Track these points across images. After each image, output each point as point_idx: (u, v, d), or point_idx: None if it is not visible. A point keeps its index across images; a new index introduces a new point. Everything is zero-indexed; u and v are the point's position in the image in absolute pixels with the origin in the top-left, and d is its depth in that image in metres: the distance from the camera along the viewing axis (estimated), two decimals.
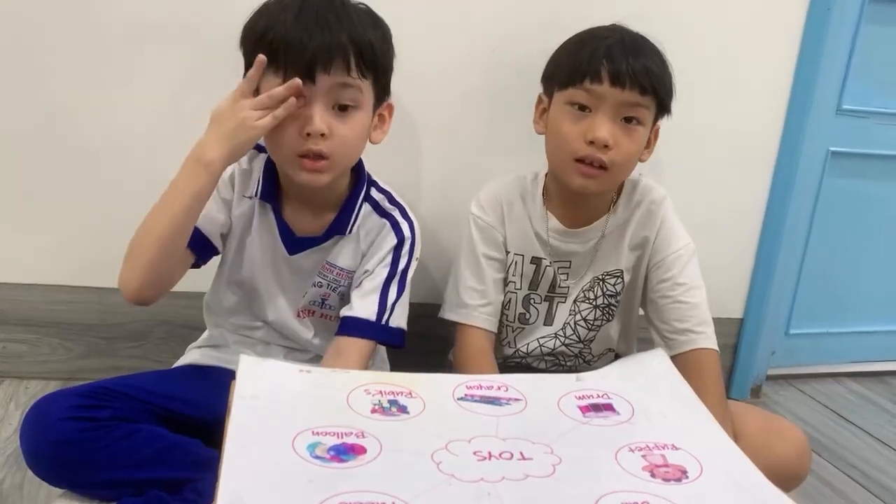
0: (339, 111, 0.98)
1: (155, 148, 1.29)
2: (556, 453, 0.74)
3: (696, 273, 1.16)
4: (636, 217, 1.17)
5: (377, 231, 1.10)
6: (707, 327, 1.14)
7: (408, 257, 1.10)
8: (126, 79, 1.27)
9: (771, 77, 1.53)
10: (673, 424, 0.81)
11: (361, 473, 0.69)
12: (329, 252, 1.10)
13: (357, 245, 1.10)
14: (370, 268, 1.09)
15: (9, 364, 1.35)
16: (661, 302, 1.16)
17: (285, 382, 0.79)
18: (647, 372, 0.92)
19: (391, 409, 0.79)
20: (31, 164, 1.29)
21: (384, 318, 1.07)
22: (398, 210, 1.11)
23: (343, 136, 0.98)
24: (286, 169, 1.02)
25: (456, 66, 1.35)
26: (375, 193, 1.12)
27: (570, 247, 1.18)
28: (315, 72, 0.94)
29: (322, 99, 0.96)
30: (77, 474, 0.94)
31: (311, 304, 1.13)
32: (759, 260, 1.63)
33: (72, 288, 1.34)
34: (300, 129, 0.96)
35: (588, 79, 1.05)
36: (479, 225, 1.17)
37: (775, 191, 1.59)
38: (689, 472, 0.73)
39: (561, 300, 1.20)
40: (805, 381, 1.76)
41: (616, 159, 1.06)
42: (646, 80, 1.04)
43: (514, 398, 0.84)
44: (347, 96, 0.97)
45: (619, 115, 1.06)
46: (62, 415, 0.93)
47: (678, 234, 1.18)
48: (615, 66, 1.04)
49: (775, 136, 1.56)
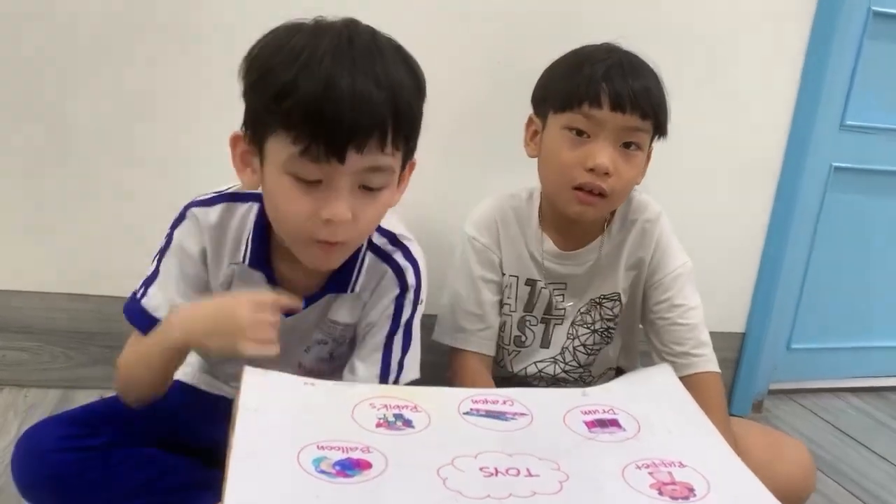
0: (365, 191, 0.83)
1: (158, 159, 1.29)
2: (562, 470, 0.74)
3: (692, 293, 1.15)
4: (631, 237, 1.15)
5: (378, 279, 0.97)
6: (705, 349, 1.12)
7: (412, 307, 0.98)
8: (134, 85, 1.27)
9: (775, 92, 1.54)
10: (679, 441, 0.81)
11: (368, 489, 0.68)
12: (328, 308, 0.98)
13: (358, 297, 0.98)
14: (373, 320, 0.98)
15: (9, 372, 1.34)
16: (658, 323, 1.15)
17: (290, 395, 0.79)
18: (652, 387, 0.92)
19: (396, 423, 0.79)
20: (34, 172, 1.28)
21: (391, 380, 0.96)
22: (401, 252, 0.98)
23: (367, 220, 0.85)
24: (291, 247, 0.88)
25: (460, 77, 1.35)
26: (377, 238, 0.97)
27: (565, 269, 1.15)
28: (346, 153, 0.77)
29: (348, 180, 0.80)
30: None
31: (319, 361, 1.03)
32: (761, 274, 1.63)
33: (73, 296, 1.34)
34: (316, 212, 0.80)
35: (587, 103, 1.01)
36: (476, 247, 1.14)
37: (778, 206, 1.60)
38: (697, 491, 0.72)
39: (558, 322, 1.18)
40: (806, 396, 1.76)
41: (616, 186, 1.04)
42: (647, 104, 1.02)
43: (519, 413, 0.84)
44: (377, 180, 0.82)
45: (619, 140, 1.03)
46: (53, 446, 0.88)
47: (674, 253, 1.15)
48: (615, 89, 1.00)
49: (779, 150, 1.57)
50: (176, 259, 0.93)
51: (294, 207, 0.81)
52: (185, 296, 0.93)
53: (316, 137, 0.76)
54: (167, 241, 0.94)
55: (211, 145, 1.05)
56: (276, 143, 0.79)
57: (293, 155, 0.78)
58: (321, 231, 0.82)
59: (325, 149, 0.76)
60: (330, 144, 0.76)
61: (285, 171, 0.80)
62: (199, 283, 0.95)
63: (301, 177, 0.80)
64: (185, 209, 0.94)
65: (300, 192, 0.80)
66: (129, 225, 1.30)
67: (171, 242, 0.94)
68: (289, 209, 0.82)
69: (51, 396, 1.33)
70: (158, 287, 0.93)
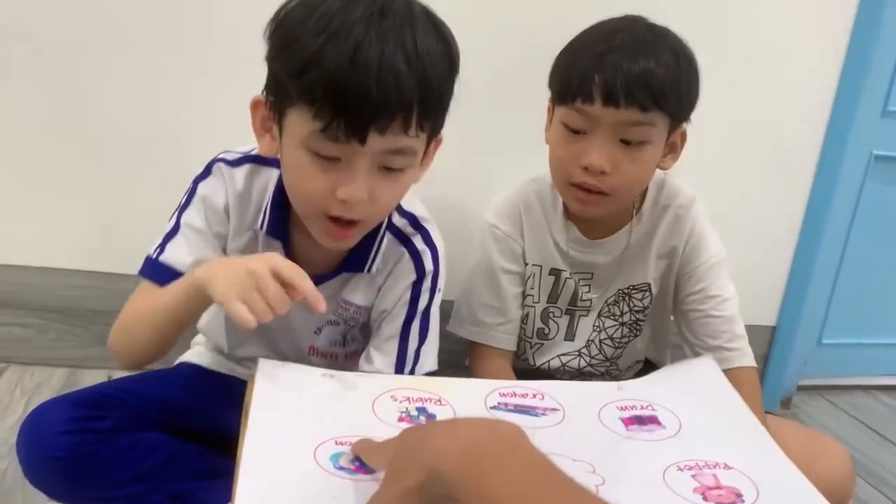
0: (385, 171, 0.79)
1: (164, 136, 1.26)
2: (598, 473, 0.68)
3: (728, 283, 1.09)
4: (663, 224, 1.08)
5: (395, 261, 0.94)
6: (740, 342, 1.07)
7: (429, 294, 0.95)
8: (137, 67, 1.23)
9: (816, 76, 1.48)
10: (724, 440, 0.75)
11: None
12: (343, 288, 0.95)
13: (373, 279, 0.95)
14: (387, 307, 0.95)
15: (14, 349, 1.31)
16: (691, 315, 1.09)
17: (307, 388, 0.74)
18: (694, 381, 0.85)
19: (419, 418, 0.74)
20: (40, 149, 1.25)
21: (407, 370, 0.94)
22: (421, 235, 0.95)
23: (385, 201, 0.82)
24: (305, 221, 0.85)
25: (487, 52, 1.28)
26: (397, 219, 0.94)
27: (591, 258, 1.08)
28: (367, 134, 0.73)
29: (368, 161, 0.77)
30: (79, 489, 0.86)
31: (333, 344, 1.00)
32: (795, 267, 1.58)
33: (80, 273, 1.31)
34: (333, 189, 0.77)
35: (579, 99, 0.92)
36: (497, 235, 1.07)
37: (815, 195, 1.54)
38: (745, 496, 0.67)
39: (583, 314, 1.12)
40: (836, 393, 1.71)
41: (616, 185, 0.95)
42: (646, 96, 0.90)
43: (551, 408, 0.78)
44: (398, 162, 0.79)
45: (617, 136, 0.93)
46: (61, 428, 0.85)
47: (709, 241, 1.08)
48: (608, 82, 0.90)
49: (818, 137, 1.51)
50: (199, 212, 0.90)
51: (310, 184, 0.78)
52: (210, 248, 0.90)
53: (338, 115, 0.72)
54: (189, 194, 0.91)
55: (220, 124, 1.02)
56: (296, 115, 0.76)
57: (313, 132, 0.74)
58: (336, 208, 0.79)
59: (345, 128, 0.73)
60: (351, 124, 0.73)
61: (304, 146, 0.77)
62: (219, 239, 0.91)
63: (320, 153, 0.76)
64: (211, 163, 0.91)
65: (318, 169, 0.77)
66: (137, 202, 1.27)
67: (195, 195, 0.91)
68: (305, 185, 0.79)
69: (57, 375, 1.30)
70: (179, 242, 0.90)
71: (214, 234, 0.91)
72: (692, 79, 0.95)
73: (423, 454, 0.53)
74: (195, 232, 0.90)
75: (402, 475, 0.54)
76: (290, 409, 0.70)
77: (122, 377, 1.03)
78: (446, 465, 0.51)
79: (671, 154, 1.02)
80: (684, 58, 0.95)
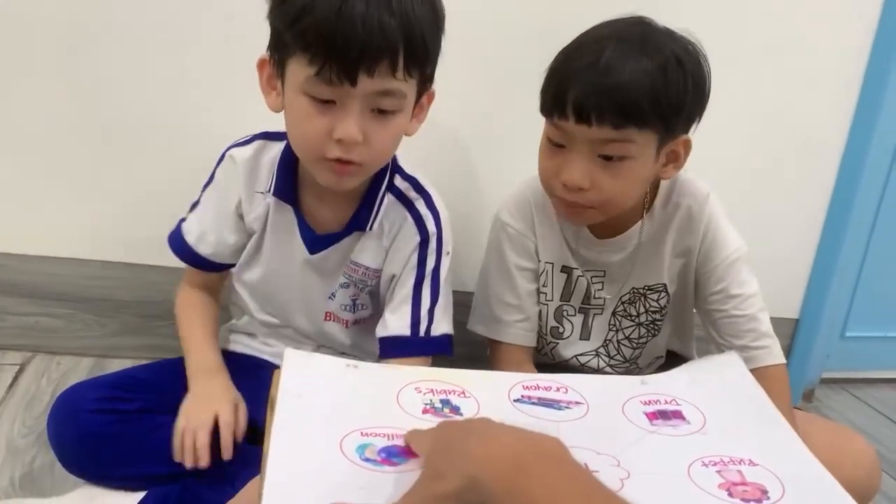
0: (377, 114, 0.86)
1: (193, 126, 1.26)
2: (623, 466, 0.68)
3: (750, 279, 1.04)
4: (675, 222, 1.04)
5: (399, 225, 1.00)
6: (766, 339, 1.04)
7: (436, 255, 1.01)
8: (165, 56, 1.23)
9: (841, 67, 1.45)
10: (749, 436, 0.75)
11: (414, 479, 0.63)
12: (352, 249, 1.02)
13: (380, 241, 1.01)
14: (396, 271, 1.01)
15: (42, 339, 1.33)
16: (714, 315, 1.05)
17: (332, 379, 0.74)
18: (719, 377, 0.85)
19: (443, 410, 0.74)
20: (68, 139, 1.26)
21: (422, 330, 0.99)
22: (423, 199, 1.01)
23: (379, 143, 0.87)
24: (308, 166, 0.93)
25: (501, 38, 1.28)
26: (399, 182, 1.01)
27: (602, 257, 1.06)
28: (357, 75, 0.80)
29: (359, 103, 0.83)
30: (106, 467, 0.92)
31: (343, 309, 1.05)
32: (818, 258, 1.56)
33: (106, 264, 1.31)
34: (330, 131, 0.84)
35: (555, 114, 0.90)
36: (510, 233, 1.06)
37: (840, 186, 1.52)
38: (771, 493, 0.67)
39: (597, 312, 1.10)
40: (859, 387, 1.69)
41: (597, 200, 0.92)
42: (617, 114, 0.86)
43: (574, 401, 0.78)
44: (388, 103, 0.85)
45: (596, 152, 0.89)
46: (90, 407, 0.91)
47: (727, 237, 1.04)
48: (580, 99, 0.86)
49: (843, 127, 1.49)
50: (216, 193, 1.03)
51: (309, 126, 0.85)
52: (216, 228, 1.03)
53: (329, 58, 0.79)
54: (211, 176, 1.03)
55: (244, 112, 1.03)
56: (295, 65, 0.83)
57: (309, 76, 0.82)
58: (334, 149, 0.85)
59: (337, 70, 0.80)
60: (342, 66, 0.80)
61: (302, 91, 0.84)
62: (230, 218, 1.03)
63: (316, 97, 0.83)
64: (225, 151, 1.02)
65: (315, 112, 0.84)
66: (163, 193, 1.27)
67: (214, 179, 1.03)
68: (304, 128, 0.86)
69: (84, 364, 1.32)
70: (195, 213, 1.04)
71: (228, 214, 1.02)
72: (684, 89, 0.89)
73: (464, 460, 0.53)
74: (206, 209, 1.04)
75: (441, 477, 0.55)
76: (316, 400, 0.70)
77: (153, 362, 1.07)
78: (487, 473, 0.51)
79: (673, 163, 0.96)
80: (675, 68, 0.88)
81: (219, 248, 1.04)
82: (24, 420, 1.12)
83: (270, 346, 1.10)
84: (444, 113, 1.06)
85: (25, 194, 1.27)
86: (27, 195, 1.27)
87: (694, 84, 0.90)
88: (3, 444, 1.06)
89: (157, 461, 0.91)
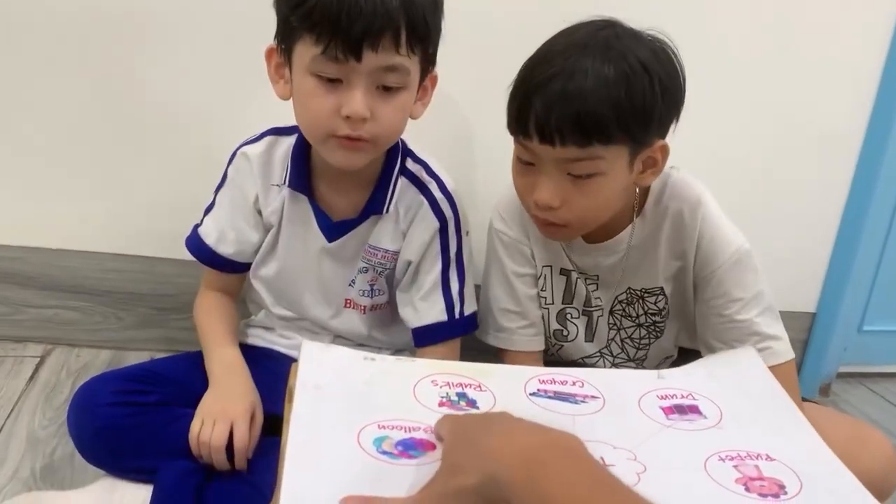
0: (383, 90, 0.88)
1: (208, 119, 1.27)
2: (639, 460, 0.68)
3: (753, 279, 0.99)
4: (667, 225, 1.01)
5: (416, 209, 1.02)
6: (770, 341, 0.98)
7: (456, 238, 1.03)
8: (181, 52, 1.24)
9: (861, 58, 1.43)
10: (766, 431, 0.74)
11: (432, 471, 0.63)
12: (369, 234, 1.03)
13: (396, 224, 1.03)
14: (412, 258, 1.03)
15: (61, 331, 1.34)
16: (715, 320, 1.00)
17: (350, 371, 0.75)
18: (735, 371, 0.85)
19: (459, 403, 0.74)
20: (84, 132, 1.27)
21: (457, 312, 1.03)
22: (436, 183, 1.03)
23: (386, 119, 0.89)
24: (318, 147, 0.95)
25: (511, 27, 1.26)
26: (411, 165, 1.03)
27: (593, 261, 1.04)
28: (361, 51, 0.83)
29: (365, 79, 0.86)
30: (123, 460, 0.93)
31: (362, 294, 1.07)
32: (836, 252, 1.54)
33: (124, 257, 1.33)
34: (338, 109, 0.86)
35: (520, 135, 0.88)
36: (504, 241, 1.05)
37: (858, 179, 1.50)
38: (788, 488, 0.66)
39: (599, 314, 1.09)
40: (877, 381, 1.67)
41: (571, 217, 0.90)
42: (580, 134, 0.83)
43: (590, 395, 0.78)
44: (393, 79, 0.87)
45: (564, 170, 0.87)
46: (108, 400, 0.92)
47: (724, 239, 0.99)
48: (541, 119, 0.84)
49: (862, 119, 1.47)
50: (229, 192, 1.05)
51: (317, 105, 0.87)
52: (236, 226, 1.04)
53: (334, 36, 0.82)
54: (223, 177, 1.06)
55: (259, 108, 1.03)
56: (301, 47, 0.86)
57: (316, 56, 0.84)
58: (343, 127, 0.87)
59: (342, 47, 0.82)
60: (347, 42, 0.82)
61: (309, 71, 0.86)
62: (249, 215, 1.04)
63: (323, 75, 0.86)
64: (235, 149, 1.05)
65: (323, 92, 0.86)
66: (178, 187, 1.28)
67: (226, 178, 1.05)
68: (313, 108, 0.88)
69: (102, 357, 1.33)
70: (211, 215, 1.06)
71: (244, 209, 1.04)
72: (651, 97, 0.85)
73: (483, 456, 0.54)
74: (223, 209, 1.05)
75: (460, 472, 0.55)
76: (334, 392, 0.71)
77: (171, 356, 1.08)
78: (504, 469, 0.51)
79: (651, 169, 0.93)
80: (641, 74, 0.84)
81: (241, 247, 1.05)
82: (44, 412, 1.14)
83: (288, 338, 1.11)
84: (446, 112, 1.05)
85: (43, 189, 1.28)
86: (45, 190, 1.29)
87: (663, 89, 0.86)
88: (24, 436, 1.07)
89: (173, 453, 0.92)
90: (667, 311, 1.08)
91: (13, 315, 1.33)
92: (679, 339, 1.15)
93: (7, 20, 1.20)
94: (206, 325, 1.05)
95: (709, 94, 1.29)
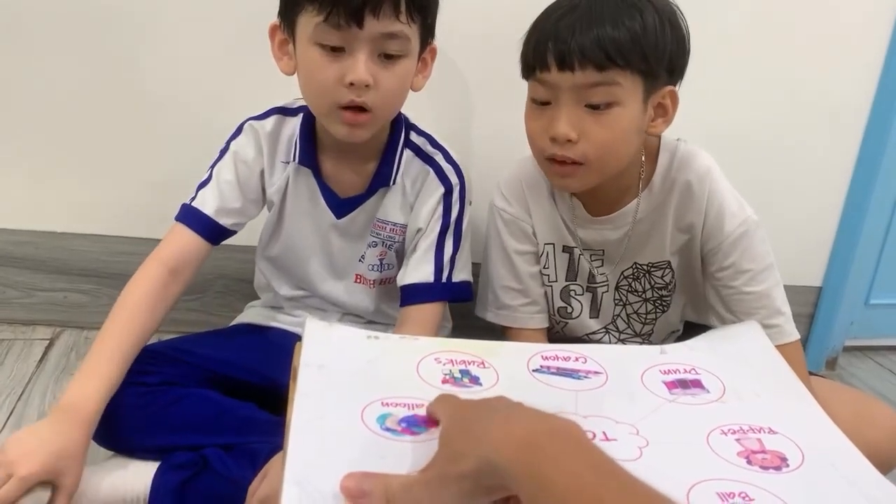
0: (384, 59, 0.90)
1: (216, 101, 1.27)
2: (641, 434, 0.69)
3: (762, 251, 1.00)
4: (675, 197, 1.01)
5: (422, 179, 1.04)
6: (779, 317, 1.01)
7: (459, 205, 1.04)
8: (188, 36, 1.24)
9: (868, 31, 1.43)
10: (769, 405, 0.75)
11: (435, 448, 0.64)
12: (377, 208, 1.05)
13: (404, 197, 1.05)
14: (422, 225, 1.04)
15: (70, 314, 1.36)
16: (724, 292, 1.02)
17: (353, 350, 0.75)
18: (738, 346, 0.85)
19: (463, 380, 0.74)
20: (93, 116, 1.27)
21: (444, 276, 1.03)
22: (441, 154, 1.05)
23: (388, 87, 0.91)
24: (323, 120, 0.96)
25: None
26: (416, 137, 1.05)
27: (600, 235, 1.05)
28: (363, 17, 0.86)
29: (367, 46, 0.88)
30: (127, 439, 0.93)
31: (371, 268, 1.08)
32: (842, 225, 1.55)
33: (131, 239, 1.34)
34: (341, 78, 0.89)
35: (537, 68, 0.90)
36: (505, 218, 1.06)
37: (865, 151, 1.50)
38: (790, 460, 0.67)
39: (604, 289, 1.09)
40: (884, 354, 1.68)
41: (589, 152, 0.91)
42: (599, 55, 0.86)
43: (593, 371, 0.79)
44: (394, 46, 0.90)
45: (582, 101, 0.89)
46: None
47: (732, 211, 1.00)
48: (560, 46, 0.87)
49: (868, 92, 1.46)
50: (230, 165, 1.03)
51: (321, 75, 0.89)
52: (235, 199, 1.03)
53: (336, 4, 0.85)
54: (222, 151, 1.05)
55: (265, 90, 1.03)
56: (304, 18, 0.89)
57: (318, 25, 0.87)
58: (346, 95, 0.89)
59: (344, 13, 0.85)
60: (348, 9, 0.85)
61: (312, 41, 0.89)
62: (251, 188, 1.04)
63: (326, 44, 0.88)
64: (241, 124, 1.05)
65: (327, 61, 0.89)
66: (187, 169, 1.27)
67: (227, 151, 1.04)
68: (317, 77, 0.90)
69: None
70: (209, 190, 1.03)
71: (246, 182, 1.03)
72: (664, 35, 0.89)
73: (481, 442, 0.54)
74: (224, 183, 1.03)
75: (459, 458, 0.55)
76: (337, 370, 0.71)
77: (178, 337, 1.09)
78: (502, 455, 0.51)
79: (662, 118, 0.95)
80: (654, 15, 0.89)
81: (240, 219, 1.05)
82: (54, 393, 1.15)
83: (296, 316, 1.12)
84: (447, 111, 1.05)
85: (52, 173, 1.29)
86: (53, 174, 1.29)
87: (675, 35, 0.91)
88: (35, 417, 1.09)
89: (177, 433, 0.93)
90: (673, 285, 1.08)
91: (22, 298, 1.34)
92: (685, 313, 1.15)
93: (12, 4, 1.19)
94: (108, 328, 0.92)
95: (715, 67, 1.28)
